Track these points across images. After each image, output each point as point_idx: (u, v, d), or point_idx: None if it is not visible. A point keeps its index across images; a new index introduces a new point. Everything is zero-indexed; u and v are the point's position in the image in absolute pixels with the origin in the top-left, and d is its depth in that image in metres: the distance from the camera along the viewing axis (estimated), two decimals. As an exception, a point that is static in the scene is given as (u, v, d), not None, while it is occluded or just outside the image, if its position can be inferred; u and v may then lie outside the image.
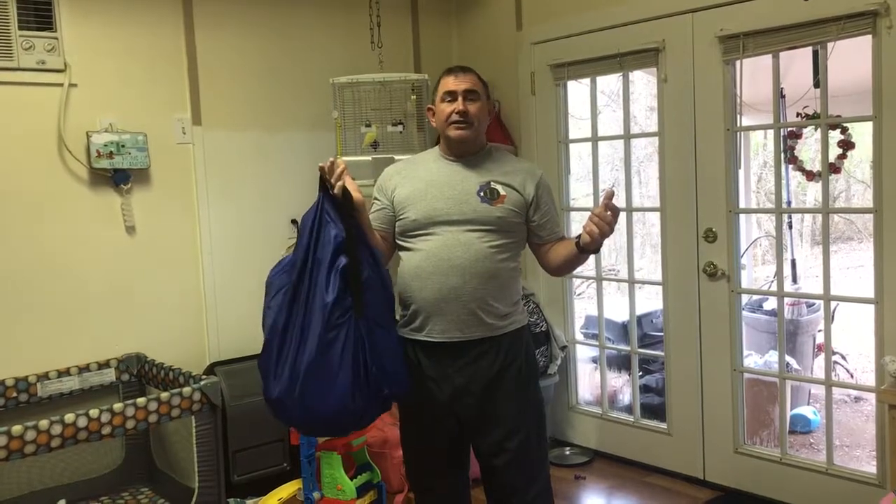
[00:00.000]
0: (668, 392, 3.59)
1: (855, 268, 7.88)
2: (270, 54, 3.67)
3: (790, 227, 5.52)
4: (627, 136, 3.78)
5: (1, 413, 2.93)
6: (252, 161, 3.62)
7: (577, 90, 3.96)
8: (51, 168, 3.09)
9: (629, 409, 3.94)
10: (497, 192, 2.26)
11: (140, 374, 3.27)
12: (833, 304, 3.59)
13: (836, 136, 3.69)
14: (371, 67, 3.75)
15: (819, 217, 3.68)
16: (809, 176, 4.44)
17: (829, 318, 3.36)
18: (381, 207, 2.35)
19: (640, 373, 4.08)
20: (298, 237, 2.15)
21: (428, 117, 2.43)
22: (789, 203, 5.61)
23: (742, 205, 3.80)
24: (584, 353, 4.36)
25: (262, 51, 3.65)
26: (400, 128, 3.52)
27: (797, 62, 3.76)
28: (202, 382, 2.84)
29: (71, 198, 3.13)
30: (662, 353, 3.64)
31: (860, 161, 7.15)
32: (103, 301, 3.22)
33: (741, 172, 3.71)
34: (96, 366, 3.17)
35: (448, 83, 2.29)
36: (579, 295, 5.09)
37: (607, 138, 4.31)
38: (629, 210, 3.77)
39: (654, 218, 4.03)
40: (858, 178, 8.08)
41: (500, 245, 2.25)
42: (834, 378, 3.66)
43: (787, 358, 3.84)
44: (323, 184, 2.11)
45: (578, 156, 4.77)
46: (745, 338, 3.58)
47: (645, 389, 4.14)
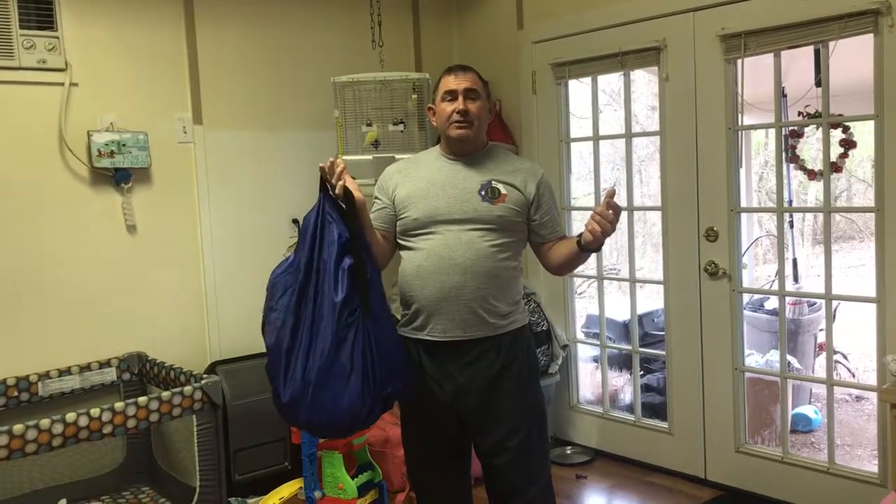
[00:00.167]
0: (670, 391, 3.59)
1: (856, 267, 7.88)
2: (271, 53, 3.67)
3: (791, 226, 5.50)
4: (629, 136, 3.78)
5: (2, 412, 2.94)
6: (253, 160, 3.62)
7: (579, 89, 3.95)
8: (52, 167, 3.09)
9: (630, 409, 3.95)
10: (498, 191, 2.26)
11: (141, 374, 3.27)
12: (834, 303, 3.58)
13: (837, 135, 3.68)
14: (372, 66, 3.74)
15: (820, 216, 3.69)
16: (811, 175, 4.44)
17: (830, 318, 3.36)
18: (381, 207, 2.34)
19: (642, 372, 4.08)
20: (300, 238, 2.14)
21: (428, 116, 2.43)
22: (790, 202, 5.61)
23: (743, 204, 3.79)
24: (586, 353, 4.35)
25: (263, 50, 3.65)
26: (401, 127, 3.51)
27: (798, 61, 3.75)
28: (203, 381, 2.84)
29: (72, 197, 3.14)
30: (663, 353, 3.64)
31: (861, 160, 7.12)
32: (104, 300, 3.22)
33: (742, 171, 3.71)
34: (97, 365, 3.17)
35: (448, 82, 2.29)
36: (580, 294, 5.08)
37: (608, 137, 4.30)
38: (630, 209, 3.76)
39: (656, 217, 4.03)
40: (860, 177, 8.07)
41: (501, 244, 2.25)
42: (835, 377, 3.66)
43: (789, 357, 3.84)
44: (323, 184, 2.11)
45: (579, 155, 4.77)
46: (747, 337, 3.57)
47: (646, 388, 4.14)
